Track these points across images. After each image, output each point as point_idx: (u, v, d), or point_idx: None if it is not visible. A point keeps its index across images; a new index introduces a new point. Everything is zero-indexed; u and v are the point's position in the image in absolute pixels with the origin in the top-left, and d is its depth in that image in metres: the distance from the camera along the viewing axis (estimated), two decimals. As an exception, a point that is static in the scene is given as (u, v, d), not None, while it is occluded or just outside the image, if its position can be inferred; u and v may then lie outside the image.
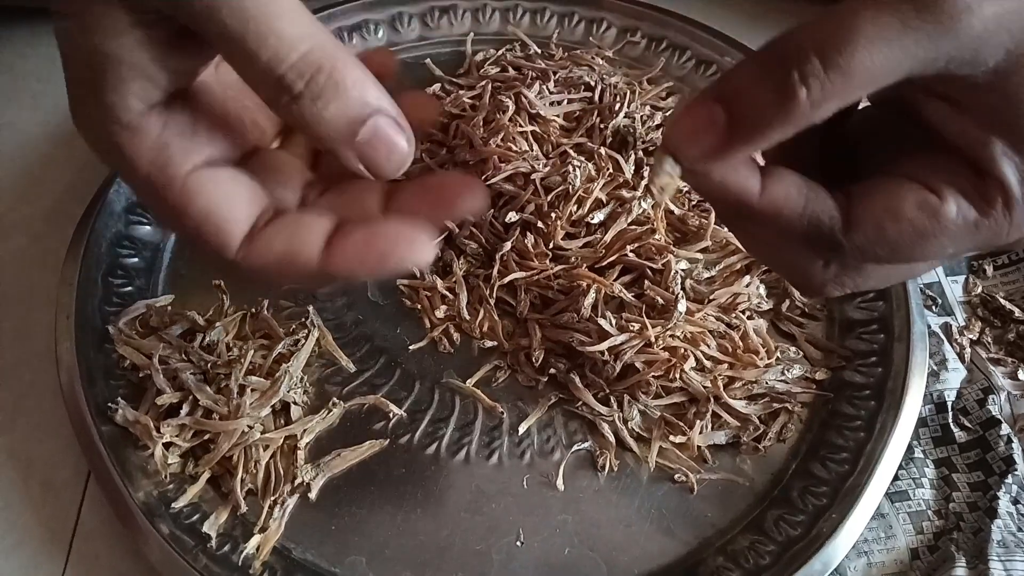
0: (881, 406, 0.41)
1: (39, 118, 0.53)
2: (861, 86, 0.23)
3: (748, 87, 0.23)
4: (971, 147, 0.25)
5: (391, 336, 0.45)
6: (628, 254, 0.44)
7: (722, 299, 0.44)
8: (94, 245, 0.44)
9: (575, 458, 0.41)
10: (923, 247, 0.26)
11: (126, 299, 0.44)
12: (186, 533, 0.37)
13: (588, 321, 0.42)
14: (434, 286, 0.45)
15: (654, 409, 0.42)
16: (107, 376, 0.41)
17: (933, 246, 0.26)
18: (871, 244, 0.26)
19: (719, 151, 0.24)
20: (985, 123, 0.25)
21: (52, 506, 0.40)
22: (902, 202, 0.25)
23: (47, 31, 0.57)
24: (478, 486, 0.40)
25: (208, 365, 0.40)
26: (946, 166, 0.26)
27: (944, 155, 0.26)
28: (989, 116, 0.25)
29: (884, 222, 0.25)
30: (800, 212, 0.26)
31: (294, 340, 0.42)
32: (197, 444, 0.39)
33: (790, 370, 0.43)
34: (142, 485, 0.38)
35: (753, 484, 0.41)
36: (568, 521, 0.39)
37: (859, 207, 0.26)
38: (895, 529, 0.39)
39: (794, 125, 0.23)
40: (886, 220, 0.25)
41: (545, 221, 0.45)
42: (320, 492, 0.39)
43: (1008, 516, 0.38)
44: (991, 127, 0.25)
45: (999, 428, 0.41)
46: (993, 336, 0.45)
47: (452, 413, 0.42)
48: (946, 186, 0.25)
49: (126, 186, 0.46)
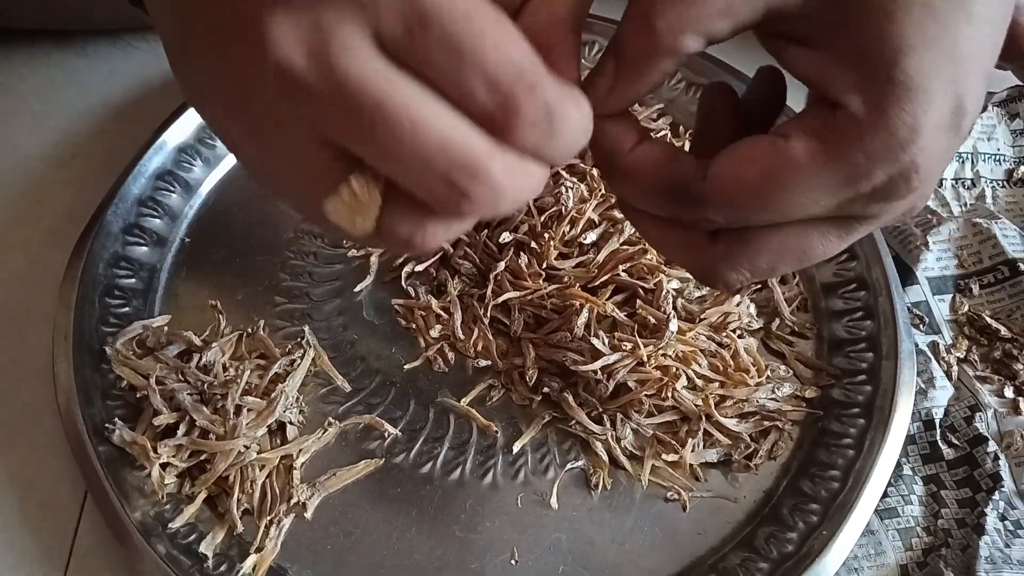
0: (870, 424, 0.42)
1: (38, 139, 0.53)
2: (721, 14, 0.25)
3: (623, 33, 0.26)
4: (824, 83, 0.26)
5: (386, 356, 0.45)
6: (620, 274, 0.45)
7: (713, 318, 0.44)
8: (91, 266, 0.45)
9: (569, 476, 0.41)
10: (787, 193, 0.26)
11: (123, 320, 0.44)
12: (183, 553, 0.37)
13: (581, 340, 0.43)
14: (429, 306, 0.45)
15: (647, 427, 0.42)
16: (104, 396, 0.41)
17: (795, 190, 0.26)
18: (730, 191, 0.27)
19: (613, 93, 0.27)
20: (839, 58, 0.25)
21: (49, 526, 0.40)
22: (749, 146, 0.27)
23: (47, 52, 0.58)
24: (473, 505, 0.40)
25: (205, 385, 0.41)
26: (804, 114, 0.26)
27: (810, 107, 0.27)
28: (843, 50, 0.25)
29: (735, 167, 0.26)
30: (660, 167, 0.28)
31: (290, 360, 0.43)
32: (194, 464, 0.40)
33: (780, 388, 0.43)
34: (139, 505, 0.38)
35: (744, 502, 0.41)
36: (562, 539, 0.39)
37: (714, 160, 0.27)
38: (884, 546, 0.40)
39: (664, 52, 0.25)
40: (737, 166, 0.26)
41: (538, 241, 0.46)
42: (316, 511, 0.40)
43: (995, 532, 0.39)
44: (844, 60, 0.25)
45: (986, 445, 0.42)
46: (980, 354, 0.46)
47: (447, 432, 0.42)
48: (792, 127, 0.26)
49: (123, 208, 0.47)
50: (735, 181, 0.26)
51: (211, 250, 0.48)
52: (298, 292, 0.47)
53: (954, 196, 0.52)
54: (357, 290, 0.47)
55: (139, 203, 0.48)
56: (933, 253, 0.49)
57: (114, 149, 0.52)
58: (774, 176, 0.26)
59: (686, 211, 0.28)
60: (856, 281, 0.47)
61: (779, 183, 0.26)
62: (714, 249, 0.29)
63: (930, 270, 0.48)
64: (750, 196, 0.26)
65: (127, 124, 0.54)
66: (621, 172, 0.29)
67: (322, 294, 0.47)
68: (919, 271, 0.48)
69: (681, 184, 0.27)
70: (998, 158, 0.53)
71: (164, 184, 0.49)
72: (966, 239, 0.49)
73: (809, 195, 0.26)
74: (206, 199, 0.50)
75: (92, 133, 0.54)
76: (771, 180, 0.26)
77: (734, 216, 0.27)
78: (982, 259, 0.48)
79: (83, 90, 0.56)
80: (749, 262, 0.29)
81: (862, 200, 0.26)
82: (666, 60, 0.26)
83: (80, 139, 0.53)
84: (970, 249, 0.49)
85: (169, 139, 0.49)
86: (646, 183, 0.28)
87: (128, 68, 0.57)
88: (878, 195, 0.26)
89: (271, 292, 0.47)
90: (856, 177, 0.26)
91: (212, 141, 0.50)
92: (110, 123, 0.54)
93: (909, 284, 0.48)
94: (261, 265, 0.47)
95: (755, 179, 0.26)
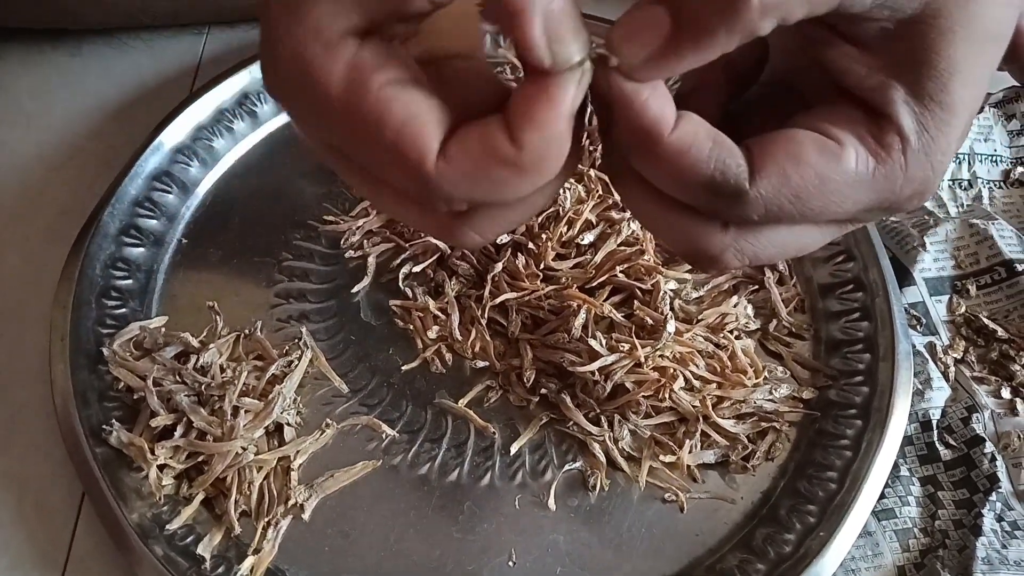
0: (867, 425, 0.42)
1: (33, 139, 0.53)
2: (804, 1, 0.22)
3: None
4: (873, 91, 0.25)
5: (384, 357, 0.45)
6: (618, 275, 0.45)
7: (710, 319, 0.45)
8: (88, 267, 0.44)
9: (566, 478, 0.41)
10: (825, 197, 0.25)
11: (120, 321, 0.44)
12: (180, 555, 0.37)
13: (579, 341, 0.43)
14: (426, 307, 0.45)
15: (644, 429, 0.42)
16: (101, 398, 0.41)
17: (834, 196, 0.25)
18: (776, 193, 0.25)
19: (662, 55, 0.23)
20: (890, 67, 0.25)
21: (46, 528, 0.40)
22: (803, 147, 0.25)
23: (42, 51, 0.57)
24: (471, 506, 0.40)
25: (202, 387, 0.41)
26: (842, 114, 0.26)
27: (840, 106, 0.26)
28: (895, 61, 0.25)
29: (787, 167, 0.25)
30: (706, 156, 0.24)
31: (287, 361, 0.43)
32: (191, 466, 0.40)
33: (778, 389, 0.43)
34: (136, 507, 0.38)
35: (742, 503, 0.41)
36: (560, 541, 0.40)
37: (761, 154, 0.25)
38: (882, 547, 0.40)
39: (741, 28, 0.22)
40: (789, 165, 0.25)
41: (536, 242, 0.46)
42: (313, 513, 0.40)
43: (992, 533, 0.39)
44: (896, 72, 0.25)
45: (983, 446, 0.42)
46: (977, 355, 0.46)
47: (444, 433, 0.42)
48: (843, 132, 0.25)
49: (119, 209, 0.47)
50: (786, 184, 0.25)
51: (208, 251, 0.48)
52: (296, 293, 0.47)
53: (951, 197, 0.52)
54: (354, 291, 0.47)
55: (136, 204, 0.48)
56: (930, 254, 0.49)
57: (110, 149, 0.52)
58: (824, 183, 0.25)
59: (720, 203, 0.25)
60: (853, 282, 0.47)
61: (827, 190, 0.25)
62: (722, 237, 0.27)
63: (927, 271, 0.48)
64: (795, 198, 0.25)
65: (123, 124, 0.53)
66: (661, 157, 0.25)
67: (320, 295, 0.47)
68: (916, 272, 0.48)
69: (728, 179, 0.25)
70: (995, 159, 0.53)
71: (161, 185, 0.49)
72: (963, 240, 0.49)
73: (844, 203, 0.26)
74: (203, 200, 0.50)
75: (88, 134, 0.53)
76: (820, 186, 0.25)
77: (770, 214, 0.26)
78: (979, 260, 0.49)
79: (78, 90, 0.55)
80: (755, 252, 0.27)
81: (880, 210, 0.26)
82: (737, 36, 0.22)
83: (76, 140, 0.53)
84: (967, 250, 0.49)
85: (166, 140, 0.49)
86: (687, 171, 0.25)
87: (124, 67, 0.57)
88: (893, 208, 0.26)
89: (268, 293, 0.46)
90: (890, 192, 0.26)
91: (209, 142, 0.50)
92: (106, 123, 0.54)
93: (906, 285, 0.48)
94: (258, 266, 0.47)
95: (809, 185, 0.25)
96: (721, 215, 0.26)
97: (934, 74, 0.24)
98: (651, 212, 0.27)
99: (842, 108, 0.26)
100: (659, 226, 0.28)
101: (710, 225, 0.27)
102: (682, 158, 0.24)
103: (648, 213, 0.28)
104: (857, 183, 0.25)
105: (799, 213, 0.25)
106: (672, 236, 0.28)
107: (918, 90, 0.25)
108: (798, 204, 0.25)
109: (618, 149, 0.26)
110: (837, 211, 0.26)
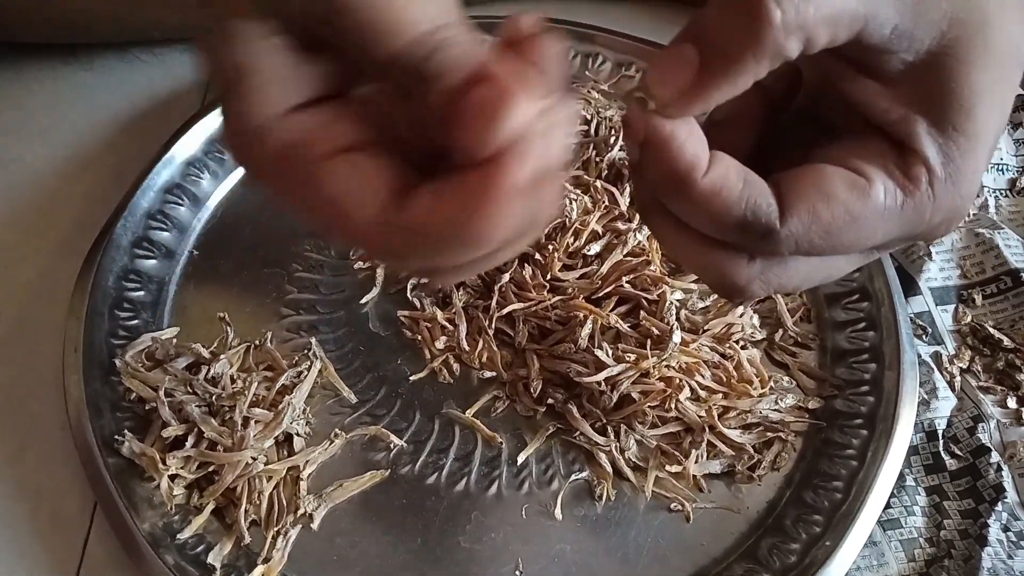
0: (873, 435, 0.42)
1: (47, 153, 0.54)
2: (826, 22, 0.23)
3: (719, 18, 0.23)
4: (896, 124, 0.26)
5: (392, 367, 0.45)
6: (624, 285, 0.45)
7: (716, 329, 0.45)
8: (101, 279, 0.45)
9: (573, 488, 0.42)
10: (855, 232, 0.26)
11: (132, 332, 0.45)
12: (191, 564, 0.38)
13: (585, 352, 0.43)
14: (434, 317, 0.46)
15: (650, 439, 0.42)
16: (114, 408, 0.42)
17: (864, 231, 0.26)
18: (806, 230, 0.25)
19: (694, 89, 0.24)
20: (912, 101, 0.25)
21: (59, 537, 0.40)
22: (832, 184, 0.25)
23: (54, 67, 0.58)
24: (478, 516, 0.41)
25: (213, 397, 0.41)
26: (868, 148, 0.26)
27: (866, 138, 0.26)
28: (916, 94, 0.25)
29: (817, 205, 0.25)
30: (737, 197, 0.25)
31: (297, 372, 0.43)
32: (202, 476, 0.40)
33: (783, 399, 0.44)
34: (148, 516, 0.39)
35: (747, 512, 0.41)
36: (566, 550, 0.40)
37: (791, 192, 0.25)
38: (887, 556, 0.40)
39: (767, 56, 0.23)
40: (819, 203, 0.25)
41: (543, 253, 0.46)
42: (322, 522, 0.40)
43: (998, 543, 0.39)
44: (917, 105, 0.25)
45: (989, 456, 0.42)
46: (982, 364, 0.46)
47: (452, 443, 0.43)
48: (871, 167, 0.26)
49: (131, 221, 0.47)
50: (817, 221, 0.25)
51: (219, 263, 0.49)
52: (305, 304, 0.47)
53: (957, 206, 0.52)
54: (363, 302, 0.47)
55: (148, 216, 0.48)
56: (936, 263, 0.49)
57: (122, 163, 0.52)
58: (854, 219, 0.25)
59: (751, 240, 0.26)
60: (859, 292, 0.47)
61: (856, 225, 0.26)
62: (750, 269, 0.27)
63: (933, 280, 0.48)
64: (825, 234, 0.26)
65: (135, 138, 0.54)
66: (694, 198, 0.25)
67: (329, 306, 0.47)
68: (922, 281, 0.48)
69: (760, 218, 0.25)
70: (1001, 168, 0.53)
71: (173, 197, 0.49)
72: (969, 249, 0.49)
73: (874, 236, 0.26)
74: (214, 212, 0.51)
75: (100, 147, 0.54)
76: (850, 222, 0.25)
77: (800, 250, 0.26)
78: (985, 269, 0.49)
79: (91, 104, 0.56)
80: (780, 284, 0.28)
81: (910, 239, 0.27)
82: (766, 62, 0.23)
83: (89, 153, 0.54)
84: (973, 259, 0.49)
85: (177, 153, 0.50)
86: (719, 212, 0.25)
87: (136, 81, 0.58)
88: (924, 236, 0.27)
89: (278, 304, 0.47)
90: (919, 223, 0.26)
91: (220, 154, 0.51)
92: (118, 137, 0.55)
93: (912, 294, 0.48)
94: (268, 277, 0.48)
95: (839, 221, 0.25)
96: (751, 251, 0.27)
97: (958, 104, 0.25)
98: (680, 246, 0.28)
99: (869, 141, 0.26)
100: (687, 258, 0.29)
101: (738, 258, 0.27)
102: (714, 200, 0.25)
103: (677, 247, 0.28)
104: (886, 217, 0.26)
105: (829, 247, 0.26)
106: (700, 268, 0.29)
107: (941, 121, 0.25)
108: (828, 239, 0.26)
109: (650, 186, 0.27)
110: (866, 243, 0.26)
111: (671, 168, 0.25)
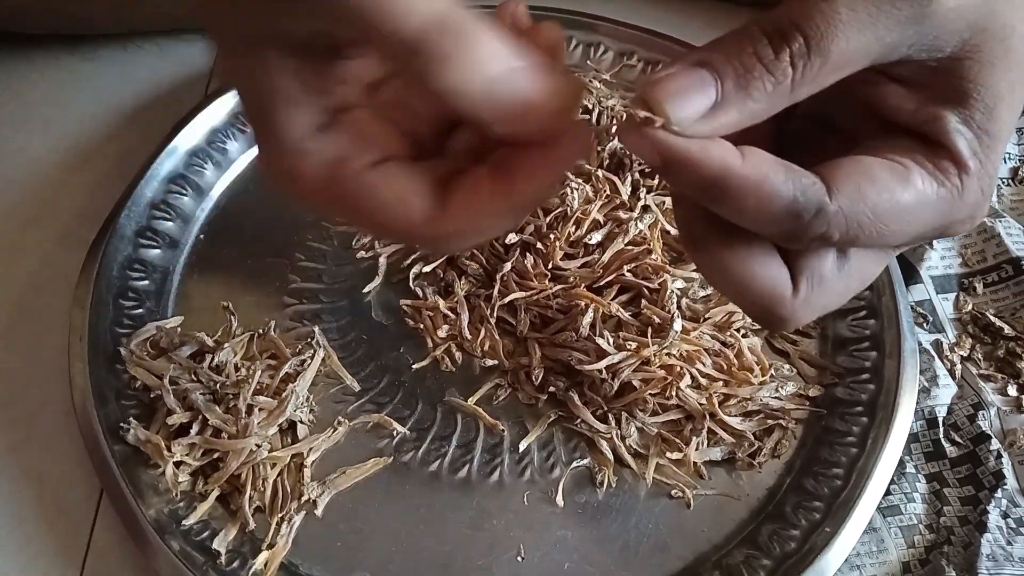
0: (873, 422, 0.42)
1: (49, 144, 0.54)
2: (836, 69, 0.24)
3: (738, 58, 0.24)
4: (925, 122, 0.26)
5: (394, 355, 0.46)
6: (625, 274, 0.45)
7: (717, 318, 0.45)
8: (105, 268, 0.45)
9: (574, 475, 0.42)
10: (899, 215, 0.26)
11: (137, 321, 0.45)
12: (196, 550, 0.38)
13: (586, 340, 0.43)
14: (436, 306, 0.46)
15: (651, 426, 0.43)
16: (119, 396, 0.42)
17: (907, 215, 0.26)
18: (855, 207, 0.25)
19: (711, 118, 0.24)
20: (939, 99, 0.26)
21: (65, 524, 0.41)
22: (873, 168, 0.26)
23: (56, 57, 0.58)
24: (480, 503, 0.41)
25: (217, 385, 0.41)
26: (895, 145, 0.26)
27: (888, 138, 0.27)
28: (943, 93, 0.26)
29: (863, 184, 0.25)
30: (784, 178, 0.25)
31: (300, 360, 0.44)
32: (207, 463, 0.41)
33: (784, 387, 0.44)
34: (153, 503, 0.39)
35: (748, 499, 0.41)
36: (568, 537, 0.40)
37: (833, 176, 0.25)
38: (887, 543, 0.40)
39: (777, 105, 0.24)
40: (864, 182, 0.25)
41: (544, 242, 0.46)
42: (326, 509, 0.40)
43: (998, 530, 0.39)
44: (944, 102, 0.26)
45: (989, 443, 0.42)
46: (983, 353, 0.46)
47: (454, 431, 0.43)
48: (904, 159, 0.26)
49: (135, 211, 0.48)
50: (862, 196, 0.25)
51: (223, 252, 0.49)
52: (308, 293, 0.47)
53: (958, 195, 0.52)
54: (366, 291, 0.48)
55: (152, 206, 0.48)
56: (937, 251, 0.49)
57: (126, 153, 0.53)
58: (897, 200, 0.26)
59: (802, 225, 0.25)
60: (860, 280, 0.47)
61: (900, 207, 0.26)
62: (795, 299, 0.28)
63: (934, 268, 0.49)
64: (872, 214, 0.26)
65: (138, 128, 0.54)
66: (740, 192, 0.25)
67: (332, 295, 0.47)
68: (923, 269, 0.48)
69: (809, 195, 0.25)
70: (1004, 156, 0.53)
71: (176, 187, 0.50)
72: (970, 237, 0.49)
73: (913, 224, 0.26)
74: (217, 202, 0.51)
75: (104, 137, 0.54)
76: (893, 202, 0.26)
77: (851, 230, 0.26)
78: (986, 257, 0.49)
79: (94, 95, 0.56)
80: (823, 305, 0.29)
81: (933, 234, 0.27)
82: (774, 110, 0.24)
83: (92, 143, 0.54)
84: (974, 247, 0.49)
85: (180, 143, 0.50)
86: (768, 199, 0.25)
87: (138, 72, 0.58)
88: (946, 232, 0.27)
89: (282, 293, 0.47)
90: (948, 216, 0.27)
91: (223, 144, 0.51)
92: (121, 127, 0.55)
93: (913, 282, 0.48)
94: (272, 267, 0.48)
95: (880, 199, 0.25)
96: (804, 239, 0.26)
97: (981, 105, 0.26)
98: (726, 280, 0.28)
99: (892, 140, 0.27)
100: (734, 292, 0.29)
101: (783, 292, 0.28)
102: (761, 188, 0.25)
103: (724, 281, 0.28)
104: (925, 203, 0.26)
105: (876, 232, 0.26)
106: (745, 303, 0.29)
107: (968, 116, 0.26)
108: (876, 222, 0.26)
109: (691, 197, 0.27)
110: (906, 231, 0.27)
111: (704, 174, 0.25)
